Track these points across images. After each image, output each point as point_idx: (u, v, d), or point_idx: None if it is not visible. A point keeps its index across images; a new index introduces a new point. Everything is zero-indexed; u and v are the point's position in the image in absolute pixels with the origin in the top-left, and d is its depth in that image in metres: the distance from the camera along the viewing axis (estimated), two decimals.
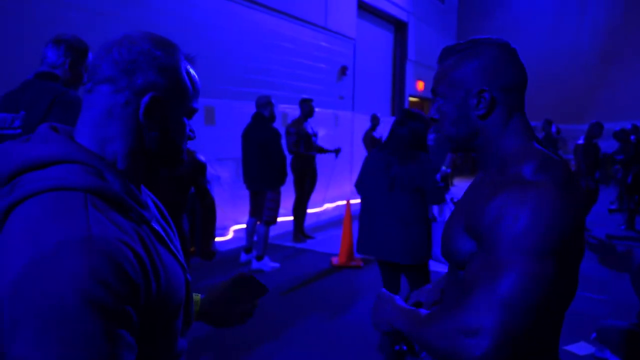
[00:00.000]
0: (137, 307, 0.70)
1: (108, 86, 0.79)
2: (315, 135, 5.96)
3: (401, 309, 1.12)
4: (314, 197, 6.38)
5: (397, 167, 2.81)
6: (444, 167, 6.87)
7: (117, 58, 0.79)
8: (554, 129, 7.89)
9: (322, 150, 6.13)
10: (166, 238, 0.84)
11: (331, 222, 7.26)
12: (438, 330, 0.96)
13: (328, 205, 8.24)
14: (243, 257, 5.13)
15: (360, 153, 8.49)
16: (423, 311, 1.09)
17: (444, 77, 1.07)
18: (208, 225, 3.02)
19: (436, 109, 1.10)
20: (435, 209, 7.83)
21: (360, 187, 3.06)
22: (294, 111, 6.72)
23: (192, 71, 0.88)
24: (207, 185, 3.00)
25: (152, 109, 0.80)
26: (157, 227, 0.83)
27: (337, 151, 6.29)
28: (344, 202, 5.31)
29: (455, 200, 9.20)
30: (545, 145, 1.06)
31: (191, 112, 0.89)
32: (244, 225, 5.46)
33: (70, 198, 0.70)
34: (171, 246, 0.85)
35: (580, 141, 6.70)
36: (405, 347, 1.18)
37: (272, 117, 4.87)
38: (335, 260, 5.19)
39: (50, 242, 0.64)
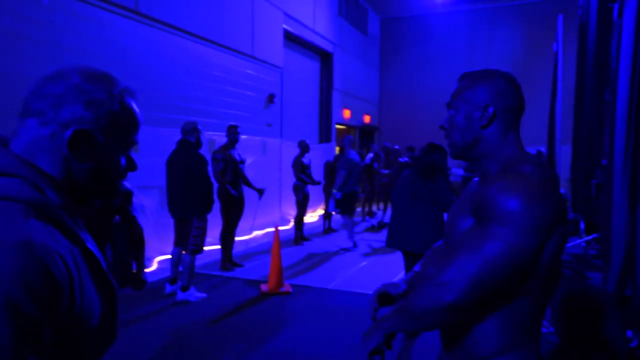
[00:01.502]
0: (57, 321, 0.70)
1: (35, 119, 0.81)
2: (243, 162, 5.95)
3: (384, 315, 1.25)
4: (243, 224, 6.32)
5: (419, 185, 3.79)
6: (334, 191, 7.08)
7: (45, 92, 0.81)
8: None
9: (248, 184, 6.07)
10: (101, 260, 0.86)
11: (261, 249, 7.20)
12: (420, 295, 1.14)
13: (257, 233, 8.18)
14: (168, 288, 4.94)
15: (289, 179, 8.55)
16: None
17: (459, 93, 1.28)
18: (137, 253, 2.93)
19: (447, 120, 1.31)
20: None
21: (393, 197, 4.04)
22: (221, 138, 6.68)
23: (130, 104, 0.89)
24: (134, 214, 2.92)
25: (78, 142, 0.81)
26: (92, 248, 0.84)
27: (260, 192, 6.10)
28: (273, 229, 5.30)
29: (384, 221, 9.47)
30: None
31: (128, 145, 0.90)
32: (169, 256, 5.27)
33: (11, 207, 0.72)
34: (105, 268, 0.87)
35: None
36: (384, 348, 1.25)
37: (199, 144, 4.82)
38: (264, 287, 5.14)
39: None
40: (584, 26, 7.18)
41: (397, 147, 10.04)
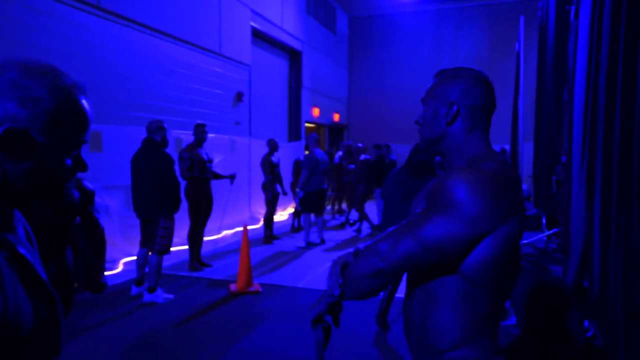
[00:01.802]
0: None
1: None
2: (211, 161, 5.87)
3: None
4: (211, 223, 6.25)
5: (410, 184, 3.91)
6: (297, 189, 7.18)
7: None
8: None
9: (217, 176, 6.03)
10: (35, 265, 0.81)
11: (230, 249, 7.14)
12: (358, 260, 1.23)
13: (226, 232, 8.11)
14: (134, 290, 4.84)
15: (258, 178, 8.51)
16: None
17: (431, 90, 1.33)
18: (98, 256, 2.86)
19: (421, 115, 1.36)
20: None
21: (384, 196, 4.15)
22: (188, 137, 6.59)
23: (78, 101, 0.84)
24: (95, 215, 2.85)
25: (10, 141, 0.76)
26: (23, 251, 0.80)
27: (232, 177, 6.12)
28: (242, 228, 5.27)
29: (350, 219, 9.53)
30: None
31: (75, 145, 0.85)
32: (134, 258, 5.17)
33: None
34: (39, 273, 0.82)
35: None
36: (329, 319, 1.29)
37: (165, 142, 4.74)
38: (233, 287, 5.11)
39: None
40: (544, 27, 7.42)
41: (360, 144, 10.13)
